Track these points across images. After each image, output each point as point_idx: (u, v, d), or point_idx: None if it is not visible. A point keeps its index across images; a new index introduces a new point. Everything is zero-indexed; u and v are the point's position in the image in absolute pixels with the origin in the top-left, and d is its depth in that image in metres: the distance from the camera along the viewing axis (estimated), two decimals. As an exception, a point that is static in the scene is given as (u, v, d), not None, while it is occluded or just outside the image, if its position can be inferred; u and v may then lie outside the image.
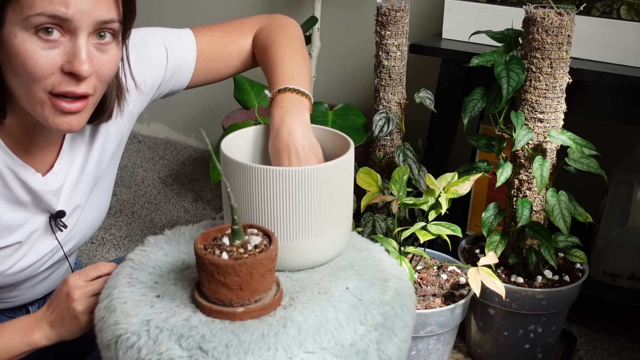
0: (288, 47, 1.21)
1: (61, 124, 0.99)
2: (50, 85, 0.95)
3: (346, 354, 0.88)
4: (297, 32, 1.28)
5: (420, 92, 1.62)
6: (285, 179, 0.98)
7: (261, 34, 1.27)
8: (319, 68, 2.27)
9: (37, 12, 0.92)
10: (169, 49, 1.22)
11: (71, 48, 0.95)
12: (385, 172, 1.70)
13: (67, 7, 0.92)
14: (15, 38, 0.93)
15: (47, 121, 0.99)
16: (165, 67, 1.22)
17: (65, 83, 0.96)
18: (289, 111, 1.08)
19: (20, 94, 0.98)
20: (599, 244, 1.81)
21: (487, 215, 1.58)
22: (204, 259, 0.89)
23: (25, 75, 0.95)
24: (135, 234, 2.38)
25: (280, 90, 1.12)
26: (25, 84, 0.96)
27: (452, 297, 1.52)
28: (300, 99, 1.11)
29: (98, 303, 1.00)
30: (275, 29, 1.26)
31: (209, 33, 1.26)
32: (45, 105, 0.97)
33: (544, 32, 1.44)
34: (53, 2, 0.92)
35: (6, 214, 1.08)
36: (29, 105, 0.98)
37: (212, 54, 1.26)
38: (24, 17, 0.92)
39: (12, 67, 0.95)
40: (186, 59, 1.24)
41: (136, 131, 3.13)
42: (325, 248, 1.05)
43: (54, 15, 0.92)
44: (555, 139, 1.49)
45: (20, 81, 0.96)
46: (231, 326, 0.90)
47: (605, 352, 1.81)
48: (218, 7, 2.73)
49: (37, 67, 0.94)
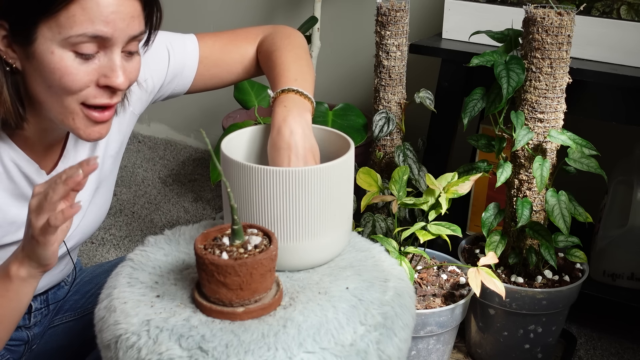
0: (292, 53, 1.21)
1: (92, 133, 1.02)
2: (84, 98, 0.98)
3: (346, 354, 0.88)
4: (301, 41, 1.28)
5: (420, 92, 1.62)
6: (285, 179, 0.98)
7: (265, 41, 1.27)
8: (319, 68, 2.27)
9: (78, 33, 0.94)
10: (171, 52, 1.23)
11: (107, 62, 0.98)
12: (385, 172, 1.70)
13: (107, 27, 0.95)
14: (52, 55, 0.95)
15: (79, 132, 1.01)
16: (167, 70, 1.23)
17: (100, 96, 0.99)
18: (291, 111, 1.08)
19: (50, 105, 1.00)
20: (599, 244, 1.81)
21: (487, 215, 1.58)
22: (204, 259, 0.89)
23: (61, 89, 0.97)
24: (135, 234, 2.38)
25: (284, 91, 1.12)
26: (58, 96, 0.98)
27: (452, 297, 1.52)
28: (303, 101, 1.11)
29: (99, 303, 1.00)
30: (280, 36, 1.26)
31: (213, 39, 1.27)
32: (77, 116, 1.00)
33: (544, 32, 1.44)
34: (94, 22, 0.94)
35: (11, 209, 1.08)
36: (59, 116, 1.00)
37: (215, 60, 1.27)
38: (63, 36, 0.94)
39: (46, 81, 0.97)
40: (188, 64, 1.24)
41: (136, 131, 3.13)
42: (325, 248, 1.05)
43: (94, 36, 0.95)
44: (555, 139, 1.49)
45: (52, 94, 0.98)
46: (231, 326, 0.90)
47: (605, 352, 1.81)
48: (220, 11, 2.73)
49: (75, 82, 0.96)
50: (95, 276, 1.39)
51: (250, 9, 2.60)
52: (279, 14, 2.54)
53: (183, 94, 1.30)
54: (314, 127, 1.13)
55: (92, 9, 0.93)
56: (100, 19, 0.94)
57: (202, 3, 2.77)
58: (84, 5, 0.93)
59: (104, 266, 1.42)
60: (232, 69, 1.29)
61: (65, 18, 0.93)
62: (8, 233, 1.09)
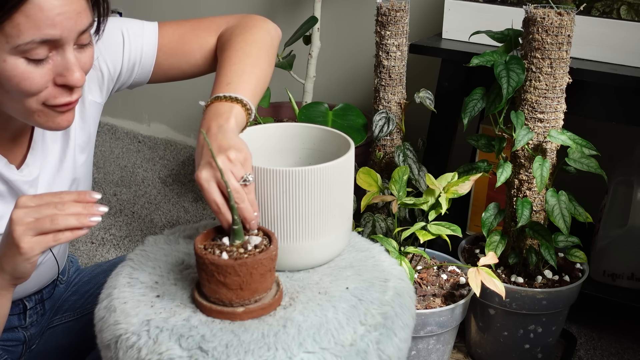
0: (240, 52, 1.16)
1: (61, 122, 1.01)
2: (44, 98, 0.98)
3: (346, 354, 0.88)
4: (261, 34, 1.21)
5: (420, 92, 1.62)
6: (285, 179, 0.98)
7: (224, 34, 1.23)
8: (319, 68, 2.27)
9: (26, 41, 0.92)
10: (127, 37, 1.19)
11: (60, 61, 0.96)
12: (385, 172, 1.70)
13: (54, 29, 0.93)
14: (5, 63, 0.93)
15: (46, 125, 1.01)
16: (122, 55, 1.20)
17: (59, 95, 0.98)
18: (210, 121, 1.04)
19: (11, 107, 1.00)
20: (599, 244, 1.81)
21: (487, 215, 1.58)
22: (204, 259, 0.90)
23: (19, 93, 0.96)
24: (135, 234, 2.38)
25: (211, 100, 1.08)
26: (18, 99, 0.97)
27: (452, 297, 1.52)
28: (229, 105, 1.06)
29: (99, 303, 1.00)
30: (239, 30, 1.21)
31: (174, 27, 1.23)
32: (42, 113, 0.99)
33: (544, 32, 1.44)
34: (40, 27, 0.92)
35: None
36: (23, 115, 1.00)
37: (173, 49, 1.23)
38: (12, 45, 0.92)
39: (3, 87, 0.96)
40: (145, 51, 1.21)
41: (136, 131, 3.13)
42: (325, 248, 1.05)
43: (43, 40, 0.93)
44: (555, 139, 1.49)
45: (11, 97, 0.97)
46: (231, 326, 0.90)
47: (605, 352, 1.81)
48: (220, 11, 2.73)
49: (32, 85, 0.95)
50: (94, 276, 1.39)
51: (250, 9, 2.60)
52: (279, 14, 2.54)
53: (147, 83, 1.26)
54: (314, 127, 1.12)
55: (37, 15, 0.91)
56: (46, 24, 0.92)
57: (202, 3, 2.77)
58: (27, 13, 0.91)
59: (103, 266, 1.41)
60: (191, 60, 1.24)
61: (11, 27, 0.91)
62: None
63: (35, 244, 0.91)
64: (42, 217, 0.91)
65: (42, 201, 0.92)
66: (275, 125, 1.16)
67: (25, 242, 0.90)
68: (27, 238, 0.90)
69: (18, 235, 0.90)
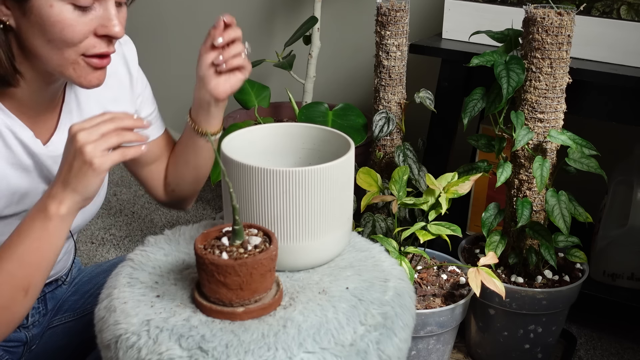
0: None
1: (92, 79, 1.06)
2: (84, 49, 1.02)
3: (346, 354, 0.88)
4: None
5: (420, 92, 1.62)
6: (285, 179, 0.98)
7: None
8: (319, 68, 2.27)
9: None
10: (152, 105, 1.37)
11: (103, 13, 1.02)
12: (385, 172, 1.70)
13: None
14: (51, 9, 0.98)
15: (80, 79, 1.05)
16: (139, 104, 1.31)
17: (99, 45, 1.03)
18: None
19: (49, 58, 1.03)
20: (599, 244, 1.81)
21: (487, 215, 1.58)
22: (204, 259, 0.90)
23: (61, 41, 1.00)
24: (135, 234, 2.38)
25: None
26: (58, 49, 1.01)
27: (452, 297, 1.52)
28: None
29: (99, 303, 1.00)
30: None
31: None
32: (78, 65, 1.04)
33: (544, 32, 1.44)
34: None
35: (12, 179, 1.09)
36: (59, 68, 1.04)
37: None
38: None
39: (45, 35, 1.00)
40: None
41: (136, 131, 3.12)
42: (325, 248, 1.05)
43: None
44: (555, 139, 1.49)
45: (53, 47, 1.01)
46: (231, 326, 0.90)
47: (605, 352, 1.81)
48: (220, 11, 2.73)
49: (75, 33, 1.00)
50: (94, 276, 1.39)
51: (250, 9, 2.60)
52: (279, 14, 2.54)
53: None
54: (314, 127, 1.13)
55: None
56: None
57: (201, 3, 2.77)
58: None
59: (103, 266, 1.42)
60: None
61: None
62: (10, 204, 1.09)
63: (106, 159, 0.96)
64: (107, 132, 0.96)
65: (98, 120, 0.98)
66: (276, 125, 1.16)
67: (97, 158, 0.95)
68: (99, 153, 0.96)
69: (89, 151, 0.95)
